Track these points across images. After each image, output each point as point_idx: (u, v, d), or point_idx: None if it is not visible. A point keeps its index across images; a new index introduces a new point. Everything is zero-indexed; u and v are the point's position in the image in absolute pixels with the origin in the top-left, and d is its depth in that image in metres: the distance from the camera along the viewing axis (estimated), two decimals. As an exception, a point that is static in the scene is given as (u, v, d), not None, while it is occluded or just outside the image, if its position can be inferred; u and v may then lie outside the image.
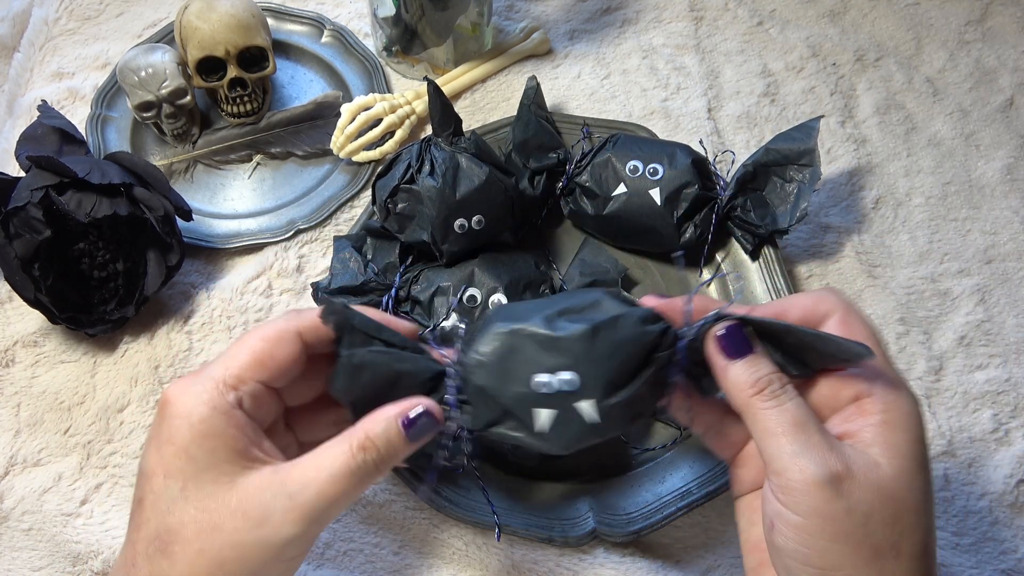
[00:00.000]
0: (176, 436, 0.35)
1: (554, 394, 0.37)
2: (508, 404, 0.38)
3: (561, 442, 0.38)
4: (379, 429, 0.36)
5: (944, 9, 0.77)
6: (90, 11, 0.76)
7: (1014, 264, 0.63)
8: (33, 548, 0.52)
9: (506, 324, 0.38)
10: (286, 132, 0.67)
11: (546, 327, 0.37)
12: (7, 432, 0.55)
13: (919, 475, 0.35)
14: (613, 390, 0.37)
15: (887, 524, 0.34)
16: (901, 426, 0.36)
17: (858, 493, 0.34)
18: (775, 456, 0.35)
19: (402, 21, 0.66)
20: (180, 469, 0.35)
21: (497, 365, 0.38)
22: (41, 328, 0.59)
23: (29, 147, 0.57)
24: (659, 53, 0.73)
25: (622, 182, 0.57)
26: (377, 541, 0.51)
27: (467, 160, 0.54)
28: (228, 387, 0.37)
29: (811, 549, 0.34)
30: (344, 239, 0.57)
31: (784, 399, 0.36)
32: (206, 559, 0.34)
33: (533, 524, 0.50)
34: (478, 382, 0.38)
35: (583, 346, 0.37)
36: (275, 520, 0.34)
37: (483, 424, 0.39)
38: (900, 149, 0.69)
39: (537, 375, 0.37)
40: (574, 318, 0.38)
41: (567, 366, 0.37)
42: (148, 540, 0.35)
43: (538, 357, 0.37)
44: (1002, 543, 0.53)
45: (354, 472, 0.36)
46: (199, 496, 0.35)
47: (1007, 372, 0.58)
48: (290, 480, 0.35)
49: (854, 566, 0.34)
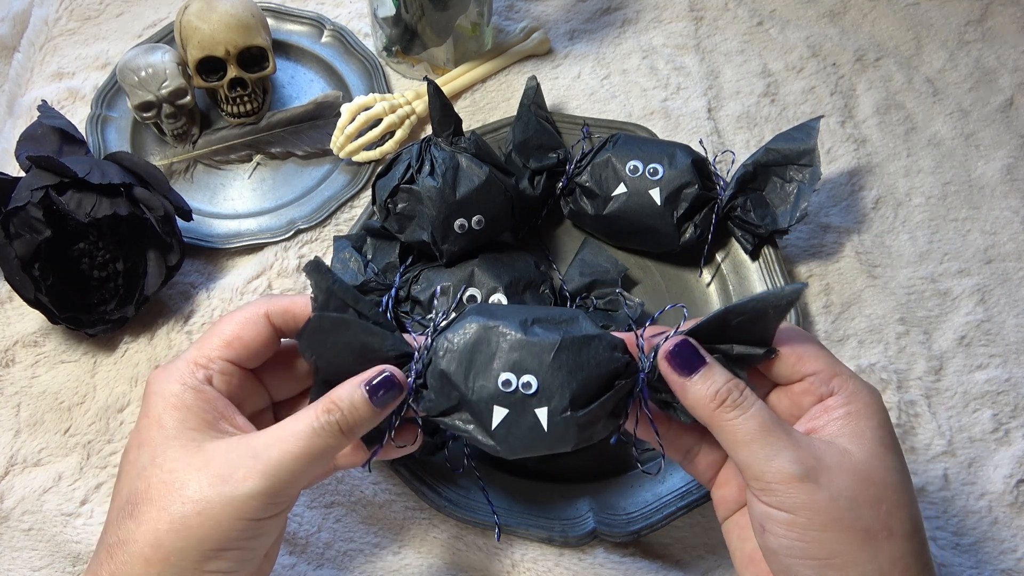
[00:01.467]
0: (151, 410, 0.38)
1: (512, 393, 0.38)
2: (469, 396, 0.39)
3: (507, 443, 0.39)
4: (343, 392, 0.38)
5: (944, 9, 0.77)
6: (90, 11, 0.76)
7: (1014, 264, 0.63)
8: (33, 548, 0.52)
9: (482, 319, 0.39)
10: (286, 132, 0.67)
11: (520, 330, 0.39)
12: (7, 432, 0.55)
13: (889, 456, 0.36)
14: (570, 405, 0.38)
15: (872, 505, 0.35)
16: (864, 415, 0.37)
17: (837, 480, 0.35)
18: (750, 463, 0.36)
19: (402, 21, 0.66)
20: (151, 438, 0.37)
21: (466, 355, 0.39)
22: (41, 328, 0.59)
23: (29, 147, 0.57)
24: (659, 53, 0.73)
25: (622, 182, 0.57)
26: (377, 541, 0.51)
27: (467, 160, 0.54)
28: (198, 366, 0.39)
29: (806, 542, 0.35)
30: (344, 239, 0.57)
31: (747, 406, 0.36)
32: (168, 516, 0.35)
33: (533, 524, 0.50)
34: (443, 367, 0.39)
35: (551, 355, 0.38)
36: (238, 476, 0.35)
37: (437, 411, 0.39)
38: (900, 149, 0.69)
39: (503, 373, 0.38)
40: (549, 328, 0.39)
41: (531, 370, 0.38)
42: (120, 507, 0.37)
43: (506, 356, 0.38)
44: (1002, 543, 0.53)
45: (317, 432, 0.36)
46: (166, 460, 0.36)
47: (1007, 372, 0.58)
48: (256, 442, 0.36)
49: (849, 551, 0.34)
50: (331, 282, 0.38)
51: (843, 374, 0.38)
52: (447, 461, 0.51)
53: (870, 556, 0.34)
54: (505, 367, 0.38)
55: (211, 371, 0.39)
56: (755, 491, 0.36)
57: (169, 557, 0.35)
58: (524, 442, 0.39)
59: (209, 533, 0.35)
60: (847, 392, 0.37)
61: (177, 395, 0.38)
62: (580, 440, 0.39)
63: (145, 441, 0.37)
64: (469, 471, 0.52)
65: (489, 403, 0.38)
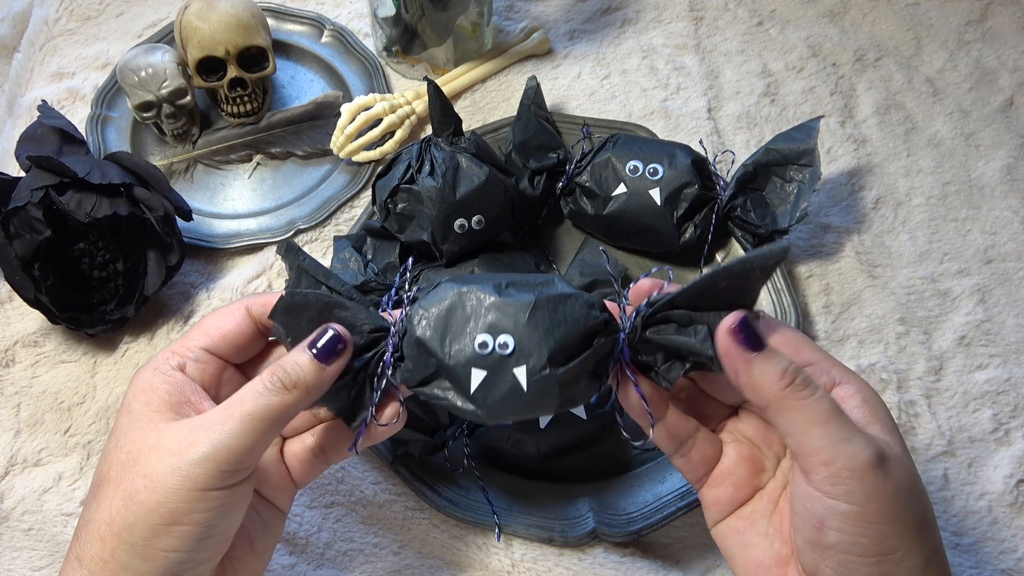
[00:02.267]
0: (125, 399, 0.39)
1: (490, 355, 0.37)
2: (446, 361, 0.38)
3: (486, 407, 0.38)
4: (288, 356, 0.37)
5: (944, 9, 0.77)
6: (90, 11, 0.76)
7: (1014, 264, 0.63)
8: (33, 548, 0.52)
9: (455, 285, 0.39)
10: (286, 132, 0.67)
11: (495, 293, 0.38)
12: (7, 432, 0.55)
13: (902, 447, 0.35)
14: (548, 362, 0.37)
15: (917, 497, 0.34)
16: (879, 403, 0.36)
17: (898, 471, 0.33)
18: (821, 447, 0.33)
19: (402, 21, 0.66)
20: (120, 425, 0.38)
21: (441, 321, 0.38)
22: (41, 328, 0.59)
23: (29, 147, 0.57)
24: (659, 53, 0.73)
25: (622, 182, 0.57)
26: (377, 541, 0.51)
27: (467, 160, 0.54)
28: (174, 354, 0.40)
29: (870, 537, 0.33)
30: (344, 239, 0.57)
31: (815, 387, 0.34)
32: (121, 493, 0.35)
33: (533, 524, 0.50)
34: (419, 335, 0.38)
35: (527, 314, 0.37)
36: (184, 445, 0.35)
37: (416, 381, 0.39)
38: (900, 149, 0.69)
39: (479, 335, 0.37)
40: (523, 289, 0.38)
41: (507, 330, 0.37)
42: (89, 492, 0.37)
43: (482, 318, 0.38)
44: (1002, 543, 0.53)
45: (261, 392, 0.36)
46: (127, 441, 0.37)
47: (1007, 372, 0.58)
48: (207, 416, 0.36)
49: (906, 545, 0.33)
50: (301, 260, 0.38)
51: (837, 365, 0.37)
52: (447, 461, 0.51)
53: (919, 548, 0.33)
54: (481, 329, 0.37)
55: (186, 359, 0.39)
56: (820, 480, 0.33)
57: (121, 534, 0.35)
58: (504, 404, 0.37)
59: (156, 505, 0.34)
60: (854, 382, 0.36)
61: (147, 380, 0.38)
62: (562, 401, 0.38)
63: (115, 428, 0.38)
64: (469, 471, 0.52)
65: (467, 366, 0.37)
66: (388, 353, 0.39)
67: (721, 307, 0.36)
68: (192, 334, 0.40)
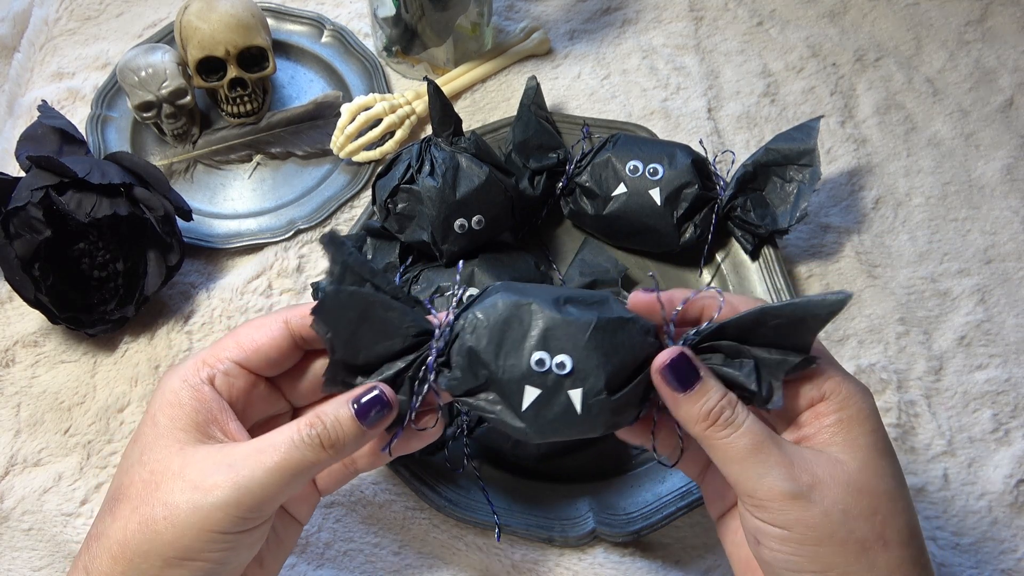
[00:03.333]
0: (151, 406, 0.37)
1: (546, 374, 0.36)
2: (498, 374, 0.37)
3: (536, 425, 0.37)
4: (329, 407, 0.36)
5: (944, 9, 0.77)
6: (90, 11, 0.76)
7: (1014, 264, 0.63)
8: (33, 548, 0.52)
9: (512, 296, 0.37)
10: (286, 132, 0.67)
11: (554, 309, 0.37)
12: (7, 432, 0.55)
13: (883, 462, 0.36)
14: (606, 388, 0.36)
15: (866, 517, 0.34)
16: (856, 420, 0.36)
17: (830, 494, 0.34)
18: (741, 480, 0.35)
19: (402, 21, 0.66)
20: (144, 434, 0.37)
21: (496, 332, 0.37)
22: (41, 328, 0.59)
23: (29, 147, 0.57)
24: (659, 53, 0.73)
25: (622, 182, 0.57)
26: (377, 541, 0.51)
27: (467, 160, 0.54)
28: (205, 364, 0.38)
29: (801, 556, 0.35)
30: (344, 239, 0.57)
31: (738, 423, 0.35)
32: (138, 517, 0.35)
33: (533, 524, 0.50)
34: (471, 344, 0.37)
35: (587, 336, 0.36)
36: (208, 484, 0.34)
37: (462, 391, 0.37)
38: (900, 149, 0.69)
39: (537, 352, 0.36)
40: (583, 308, 0.37)
41: (566, 351, 0.36)
42: (106, 500, 0.37)
43: (540, 335, 0.36)
44: (1002, 543, 0.53)
45: (296, 445, 0.35)
46: (151, 459, 0.36)
47: (1007, 372, 0.58)
48: (234, 452, 0.35)
49: (845, 564, 0.34)
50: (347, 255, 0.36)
51: (834, 376, 0.37)
52: (447, 461, 0.51)
53: (867, 567, 0.34)
54: (539, 346, 0.36)
55: (216, 371, 0.38)
56: (748, 506, 0.35)
57: (133, 559, 0.34)
58: (554, 425, 0.37)
59: (172, 540, 0.34)
60: (839, 397, 0.36)
61: (175, 391, 0.37)
62: (609, 425, 0.37)
63: (138, 436, 0.37)
64: (469, 471, 0.52)
65: (520, 383, 0.36)
66: (432, 358, 0.37)
67: (771, 344, 0.36)
68: (225, 343, 0.38)
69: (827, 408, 0.36)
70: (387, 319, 0.37)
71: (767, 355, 0.36)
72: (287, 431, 0.35)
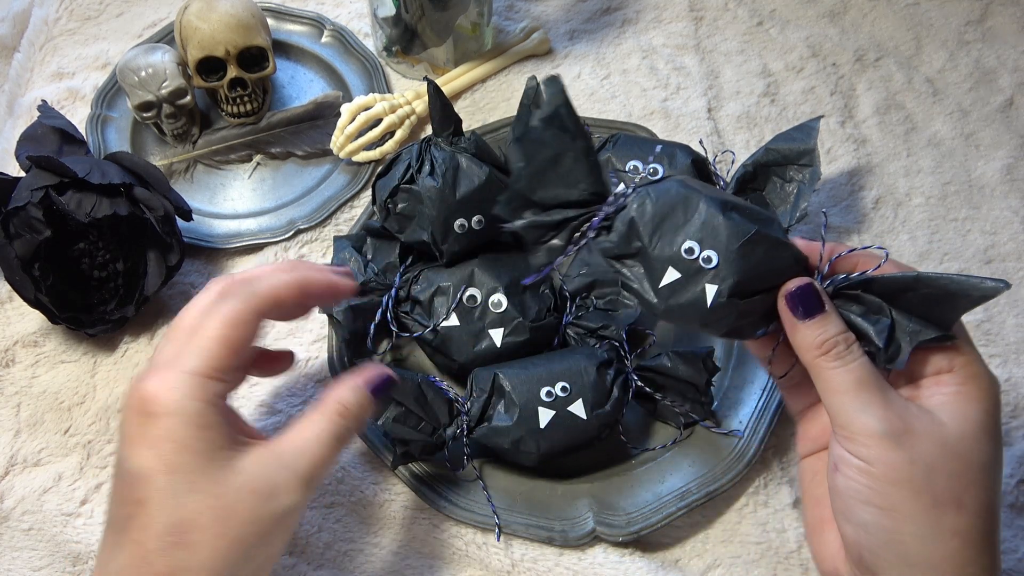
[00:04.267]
0: (173, 434, 0.36)
1: (692, 262, 0.39)
2: (650, 249, 0.39)
3: (667, 304, 0.39)
4: (351, 397, 0.40)
5: (944, 9, 0.77)
6: (90, 11, 0.76)
7: (1014, 264, 0.63)
8: (33, 548, 0.52)
9: (686, 188, 0.40)
10: (286, 132, 0.67)
11: (719, 209, 0.39)
12: (7, 432, 0.55)
13: (985, 440, 0.36)
14: (738, 291, 0.38)
15: (951, 477, 0.35)
16: (974, 397, 0.37)
17: (920, 446, 0.35)
18: (839, 412, 0.37)
19: (402, 21, 0.66)
20: (184, 464, 0.36)
21: (661, 212, 0.39)
22: (41, 328, 0.59)
23: (29, 147, 0.57)
24: (659, 53, 0.73)
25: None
26: (377, 541, 0.51)
27: (467, 160, 0.54)
28: (210, 379, 0.37)
29: (872, 490, 0.36)
30: (344, 239, 0.57)
31: (849, 359, 0.37)
32: (227, 541, 0.36)
33: (533, 524, 0.50)
34: (635, 215, 0.39)
35: (740, 243, 0.38)
36: (280, 491, 0.37)
37: (613, 254, 0.40)
38: (900, 149, 0.69)
39: (689, 240, 0.39)
40: (747, 217, 0.39)
41: (717, 248, 0.38)
42: (159, 536, 0.36)
43: (698, 227, 0.39)
44: (1002, 543, 0.53)
45: (337, 437, 0.39)
46: (208, 485, 0.36)
47: (1007, 372, 0.58)
48: (284, 452, 0.38)
49: (912, 511, 0.35)
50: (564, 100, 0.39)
51: (969, 356, 0.38)
52: (447, 461, 0.51)
53: (933, 522, 0.35)
54: (693, 236, 0.39)
55: (224, 383, 0.38)
56: (838, 436, 0.37)
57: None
58: (683, 310, 0.39)
59: (265, 550, 0.37)
60: (966, 373, 0.37)
61: (201, 414, 0.37)
62: (732, 328, 0.39)
63: (176, 468, 0.36)
64: (469, 471, 0.52)
65: (666, 263, 0.39)
66: (598, 218, 0.40)
67: (915, 312, 0.38)
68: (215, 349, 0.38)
69: (951, 379, 0.37)
70: (574, 169, 0.39)
71: (906, 321, 0.38)
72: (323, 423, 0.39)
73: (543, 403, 0.49)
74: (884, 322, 0.38)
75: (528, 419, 0.49)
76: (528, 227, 0.41)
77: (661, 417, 0.54)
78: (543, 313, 0.54)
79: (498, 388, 0.50)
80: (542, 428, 0.49)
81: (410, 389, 0.49)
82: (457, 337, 0.53)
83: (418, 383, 0.49)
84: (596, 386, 0.50)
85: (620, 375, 0.51)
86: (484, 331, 0.53)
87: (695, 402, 0.52)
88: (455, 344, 0.53)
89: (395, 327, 0.54)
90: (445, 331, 0.53)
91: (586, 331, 0.55)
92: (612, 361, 0.51)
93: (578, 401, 0.49)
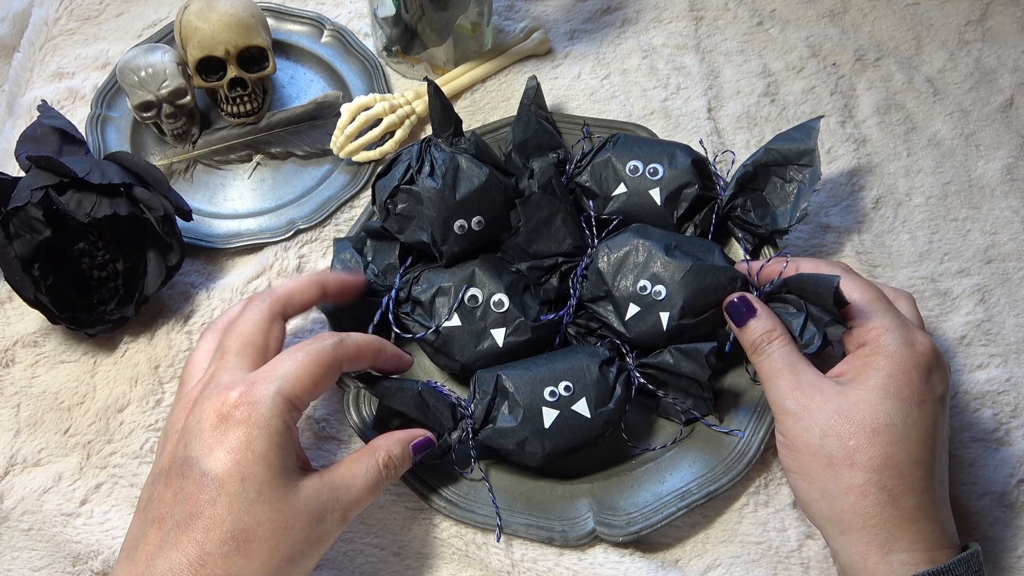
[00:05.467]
0: (256, 444, 0.39)
1: (645, 296, 0.51)
2: (613, 291, 0.52)
3: (634, 332, 0.52)
4: (398, 451, 0.45)
5: (944, 9, 0.77)
6: (90, 11, 0.76)
7: (1014, 264, 0.63)
8: (33, 548, 0.52)
9: (635, 237, 0.53)
10: (286, 132, 0.67)
11: (663, 250, 0.52)
12: (7, 432, 0.55)
13: (884, 402, 0.43)
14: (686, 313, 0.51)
15: (840, 439, 0.43)
16: (877, 366, 0.44)
17: (817, 417, 0.44)
18: (768, 396, 0.47)
19: (402, 21, 0.66)
20: (257, 474, 0.39)
21: (618, 261, 0.52)
22: (41, 328, 0.59)
23: (29, 147, 0.57)
24: (659, 53, 0.73)
25: (622, 182, 0.57)
26: (377, 541, 0.51)
27: (467, 161, 0.54)
28: (294, 407, 0.41)
29: (788, 459, 0.46)
30: (344, 240, 0.57)
31: (768, 353, 0.47)
32: (280, 554, 0.39)
33: (533, 524, 0.50)
34: (600, 266, 0.53)
35: (682, 275, 0.51)
36: (328, 518, 0.41)
37: (589, 297, 0.53)
38: (900, 149, 0.69)
39: (642, 280, 0.51)
40: (686, 253, 0.52)
41: (664, 283, 0.51)
42: (223, 540, 0.38)
43: (648, 269, 0.51)
44: (1002, 543, 0.53)
45: (379, 483, 0.44)
46: (272, 499, 0.39)
47: (1007, 372, 0.58)
48: (335, 486, 0.42)
49: (814, 472, 0.44)
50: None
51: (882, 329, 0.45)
52: (454, 463, 0.51)
53: (832, 478, 0.43)
54: (646, 276, 0.51)
55: (299, 413, 0.42)
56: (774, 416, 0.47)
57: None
58: (647, 334, 0.51)
59: (303, 568, 0.41)
60: (875, 346, 0.45)
61: (281, 433, 0.40)
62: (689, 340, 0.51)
63: (251, 476, 0.39)
64: (476, 472, 0.52)
65: (627, 300, 0.52)
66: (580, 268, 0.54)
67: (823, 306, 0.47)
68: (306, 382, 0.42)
69: (861, 353, 0.46)
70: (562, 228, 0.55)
71: (820, 313, 0.48)
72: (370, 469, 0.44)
73: (547, 403, 0.49)
74: (800, 316, 0.49)
75: (532, 419, 0.49)
76: (530, 268, 0.54)
77: (663, 414, 0.54)
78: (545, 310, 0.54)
79: (501, 389, 0.50)
80: (547, 428, 0.49)
81: (410, 398, 0.48)
82: (459, 337, 0.53)
83: (418, 391, 0.49)
84: (599, 384, 0.50)
85: (622, 373, 0.51)
86: (486, 331, 0.53)
87: (698, 398, 0.52)
88: (457, 344, 0.53)
89: (396, 328, 0.54)
90: (447, 331, 0.53)
91: (587, 330, 0.55)
92: (614, 359, 0.51)
93: (582, 400, 0.49)
